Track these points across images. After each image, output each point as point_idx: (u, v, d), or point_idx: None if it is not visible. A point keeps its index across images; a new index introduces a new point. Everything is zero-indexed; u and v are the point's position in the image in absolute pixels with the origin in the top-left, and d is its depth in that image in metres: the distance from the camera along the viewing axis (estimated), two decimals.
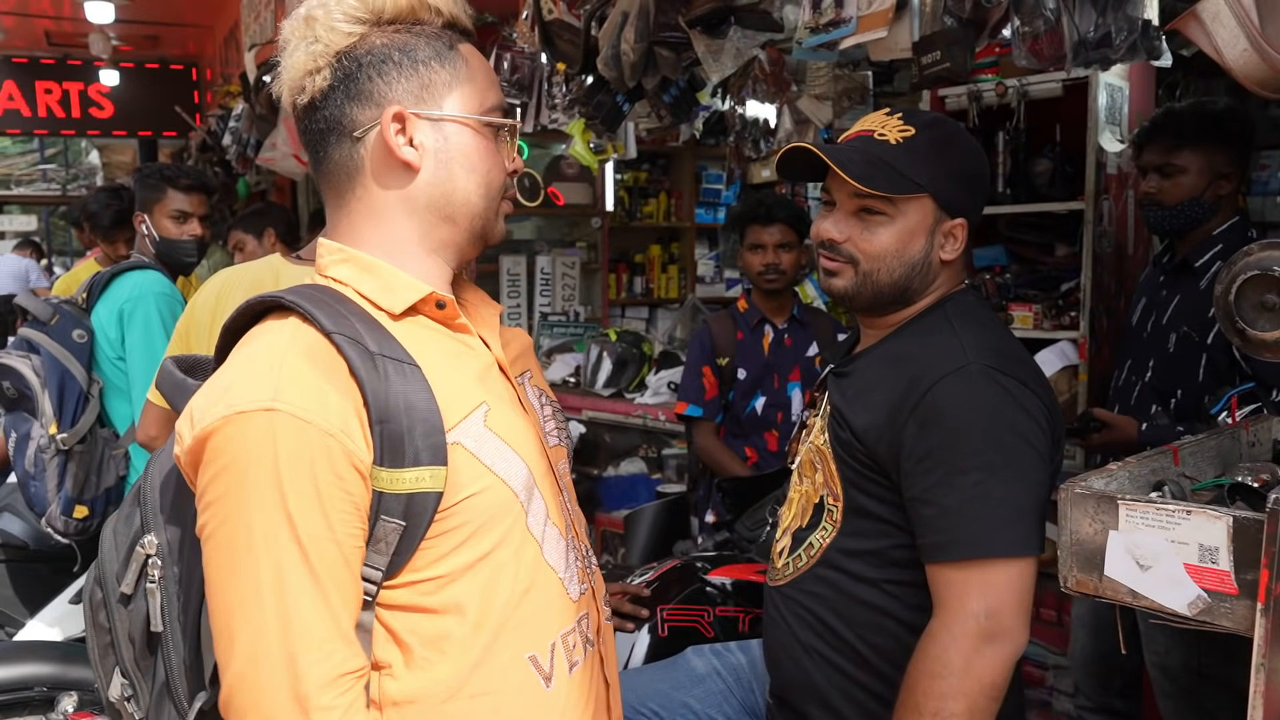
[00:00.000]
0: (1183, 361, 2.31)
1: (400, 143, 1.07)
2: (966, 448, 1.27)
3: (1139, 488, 1.24)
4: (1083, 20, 2.08)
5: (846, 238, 1.41)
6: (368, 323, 1.03)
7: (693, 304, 5.27)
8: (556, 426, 1.27)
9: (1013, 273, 3.33)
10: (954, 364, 1.32)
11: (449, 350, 1.10)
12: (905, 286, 1.41)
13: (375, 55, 1.06)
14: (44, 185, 15.48)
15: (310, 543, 0.96)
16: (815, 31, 2.41)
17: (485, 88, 1.11)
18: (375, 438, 0.98)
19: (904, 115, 1.42)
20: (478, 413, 1.06)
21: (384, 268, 1.08)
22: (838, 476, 1.40)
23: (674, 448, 4.08)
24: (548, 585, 1.11)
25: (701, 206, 6.48)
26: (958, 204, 1.41)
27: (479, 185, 1.10)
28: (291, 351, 0.99)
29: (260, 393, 0.96)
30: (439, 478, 1.00)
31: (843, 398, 1.42)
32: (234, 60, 7.04)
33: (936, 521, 1.28)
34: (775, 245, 2.92)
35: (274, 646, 0.95)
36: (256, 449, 0.95)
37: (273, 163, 4.94)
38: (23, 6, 7.92)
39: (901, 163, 1.37)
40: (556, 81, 3.32)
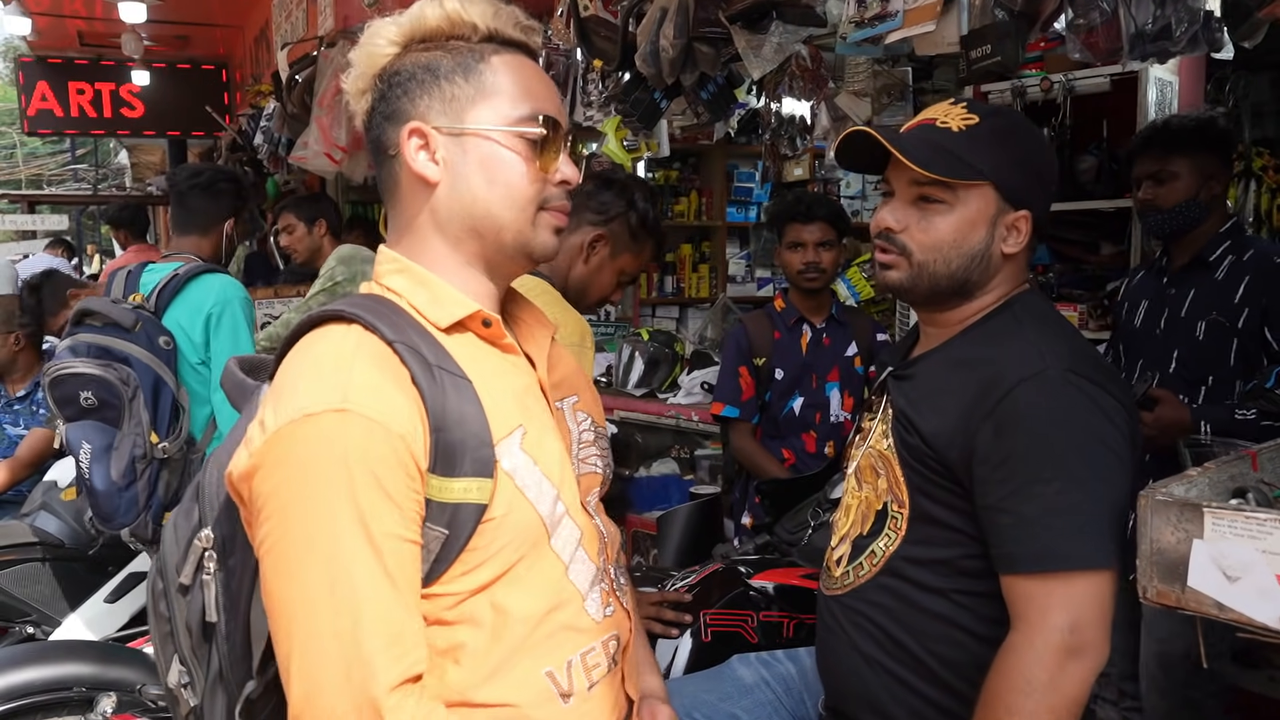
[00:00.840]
0: (1214, 348, 2.41)
1: (421, 157, 1.09)
2: (1047, 455, 1.22)
3: (1219, 494, 1.19)
4: (1140, 12, 2.02)
5: (904, 227, 1.36)
6: (423, 335, 1.06)
7: (724, 303, 5.23)
8: (598, 454, 1.27)
9: (1056, 272, 3.28)
10: (1032, 368, 1.26)
11: (495, 368, 1.11)
12: (964, 279, 1.36)
13: (403, 74, 1.09)
14: (75, 185, 15.64)
15: (385, 541, 0.97)
16: (860, 26, 2.36)
17: (518, 98, 1.10)
18: (432, 445, 1.00)
19: (968, 105, 1.38)
20: (516, 434, 1.07)
21: (434, 281, 1.10)
22: (904, 482, 1.35)
23: (706, 448, 4.04)
24: (571, 607, 1.11)
25: (733, 205, 6.43)
26: (1021, 195, 1.35)
27: (501, 197, 1.09)
28: (359, 356, 1.01)
29: (330, 395, 0.98)
30: (485, 490, 1.02)
31: (908, 401, 1.37)
32: (264, 60, 7.07)
33: (1015, 531, 1.23)
34: (815, 243, 2.87)
35: (348, 648, 0.95)
36: (328, 449, 0.96)
37: (305, 161, 4.93)
38: (56, 7, 7.99)
39: (963, 149, 1.32)
40: (591, 79, 3.29)
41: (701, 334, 5.10)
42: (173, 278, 2.65)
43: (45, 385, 2.52)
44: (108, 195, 10.89)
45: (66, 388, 2.45)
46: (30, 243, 11.99)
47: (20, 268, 9.11)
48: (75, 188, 15.20)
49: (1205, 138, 2.48)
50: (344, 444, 0.96)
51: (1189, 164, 2.44)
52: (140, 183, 13.20)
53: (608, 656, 1.15)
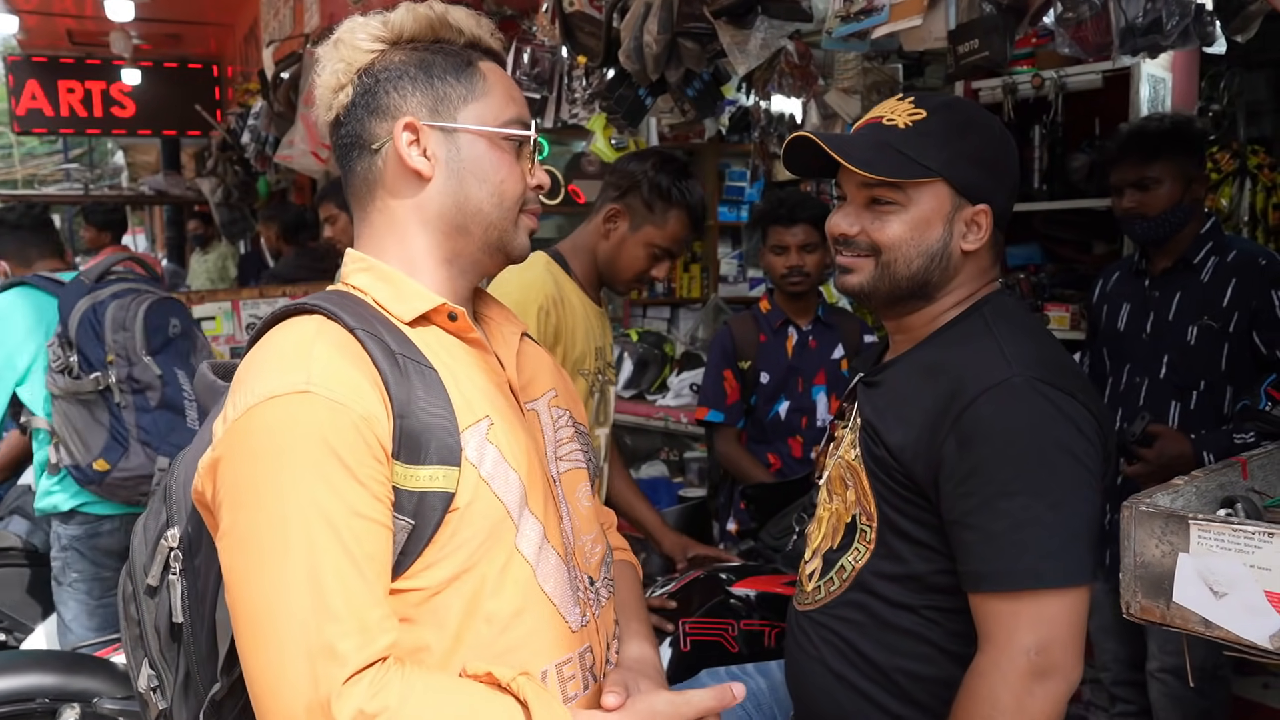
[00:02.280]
0: (1206, 352, 2.39)
1: (413, 152, 1.11)
2: (1012, 468, 1.17)
3: (1206, 504, 1.14)
4: (1130, 5, 1.98)
5: (859, 230, 1.32)
6: (387, 325, 1.07)
7: (715, 304, 5.18)
8: (580, 449, 1.25)
9: (1048, 272, 3.23)
10: (997, 376, 1.21)
11: (461, 360, 1.11)
12: (924, 280, 1.31)
13: (392, 71, 1.11)
14: (68, 185, 15.58)
15: (349, 521, 0.96)
16: (846, 20, 2.31)
17: (503, 102, 1.14)
18: (396, 431, 1.00)
19: (916, 99, 1.33)
20: (481, 424, 1.07)
21: (398, 276, 1.11)
22: (871, 495, 1.31)
23: (696, 451, 3.99)
24: (541, 611, 1.09)
25: (724, 204, 6.37)
26: (977, 188, 1.30)
27: (491, 195, 1.12)
28: (320, 341, 1.02)
29: (293, 378, 0.98)
30: (451, 478, 1.02)
31: (875, 410, 1.33)
32: (254, 58, 7.01)
33: (980, 548, 1.18)
34: (798, 247, 2.82)
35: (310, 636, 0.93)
36: (291, 430, 0.96)
37: (290, 160, 4.89)
38: (45, 5, 7.94)
39: (910, 147, 1.27)
40: (577, 75, 3.24)
41: (693, 335, 5.05)
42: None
43: (140, 316, 2.60)
44: (99, 195, 10.82)
45: (157, 316, 2.61)
46: None
47: None
48: (67, 187, 15.13)
49: (1185, 140, 2.45)
50: (307, 424, 0.96)
51: (1172, 169, 2.42)
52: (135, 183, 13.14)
53: (584, 671, 1.12)
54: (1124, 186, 2.47)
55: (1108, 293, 2.66)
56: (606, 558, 1.24)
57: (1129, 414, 2.48)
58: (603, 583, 1.21)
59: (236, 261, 8.24)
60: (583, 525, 1.20)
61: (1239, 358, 2.37)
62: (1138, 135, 2.48)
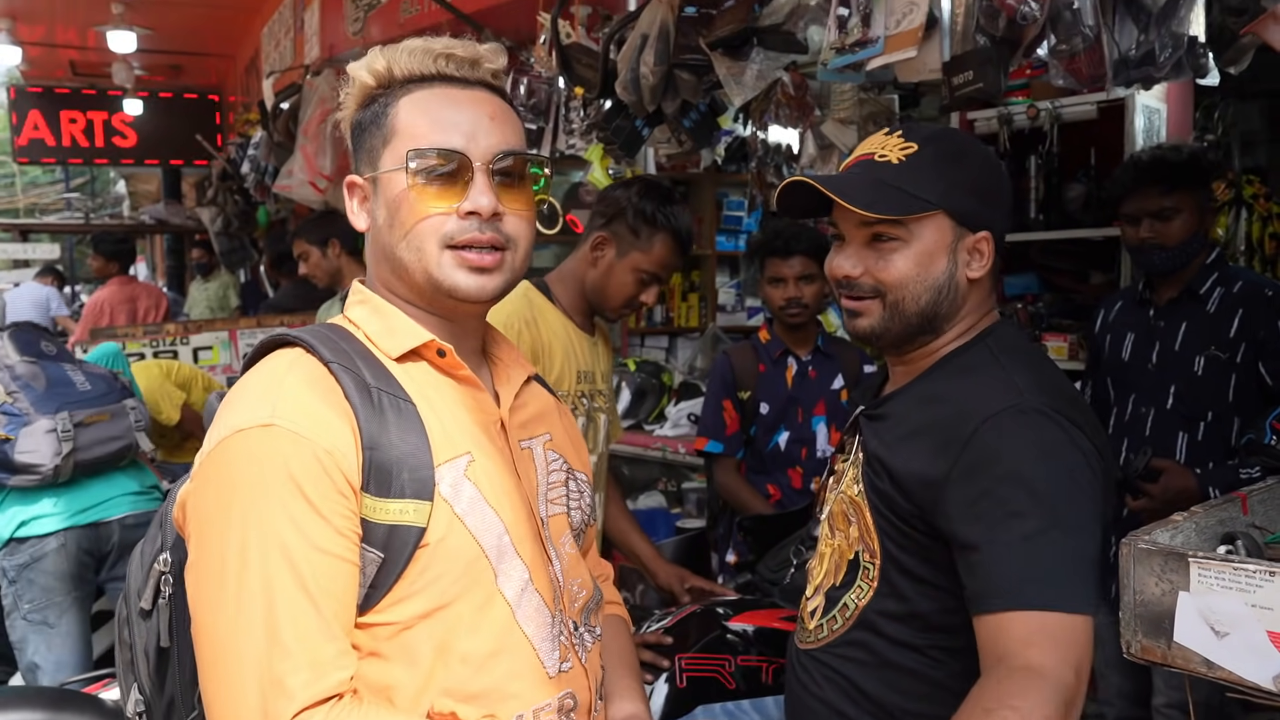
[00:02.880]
0: (1213, 382, 2.38)
1: (354, 207, 1.15)
2: (1025, 491, 1.15)
3: (1206, 541, 1.12)
4: (1123, 37, 1.99)
5: (863, 271, 1.30)
6: (368, 360, 1.07)
7: (714, 333, 5.17)
8: (567, 496, 1.23)
9: (1046, 301, 3.22)
10: (1004, 401, 1.20)
11: (448, 397, 1.11)
12: (933, 313, 1.30)
13: (353, 136, 1.16)
14: (69, 214, 15.64)
15: (307, 556, 0.96)
16: (841, 52, 2.32)
17: (412, 137, 1.09)
18: (364, 463, 1.00)
19: (905, 132, 1.31)
20: (460, 460, 1.06)
21: (391, 311, 1.12)
22: (874, 531, 1.29)
23: (694, 481, 3.97)
24: (519, 654, 1.07)
25: (722, 234, 6.39)
26: (976, 217, 1.30)
27: (400, 237, 1.09)
28: (290, 375, 1.03)
29: (259, 411, 1.00)
30: (423, 513, 1.02)
31: (880, 443, 1.31)
32: (255, 89, 7.05)
33: (990, 568, 1.15)
34: (796, 278, 2.81)
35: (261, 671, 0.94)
36: (252, 464, 0.98)
37: (289, 190, 4.90)
38: (49, 37, 8.00)
39: (907, 182, 1.26)
40: (574, 106, 3.26)
41: (691, 364, 5.04)
42: None
43: (6, 336, 2.78)
44: (100, 224, 10.87)
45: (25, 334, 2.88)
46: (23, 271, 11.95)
47: (9, 297, 9.05)
48: (69, 216, 15.19)
49: (1201, 171, 2.46)
50: (269, 457, 0.97)
51: (1190, 199, 2.42)
52: (136, 211, 13.19)
53: (562, 717, 1.10)
54: (1142, 216, 2.45)
55: (1110, 322, 2.65)
56: (591, 603, 1.22)
57: (1135, 444, 2.47)
58: (587, 628, 1.19)
59: (238, 290, 8.26)
60: (569, 569, 1.19)
61: (1245, 389, 2.37)
62: (1157, 165, 2.47)
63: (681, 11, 2.70)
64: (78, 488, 2.76)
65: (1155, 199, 2.42)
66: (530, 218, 1.14)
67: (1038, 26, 1.97)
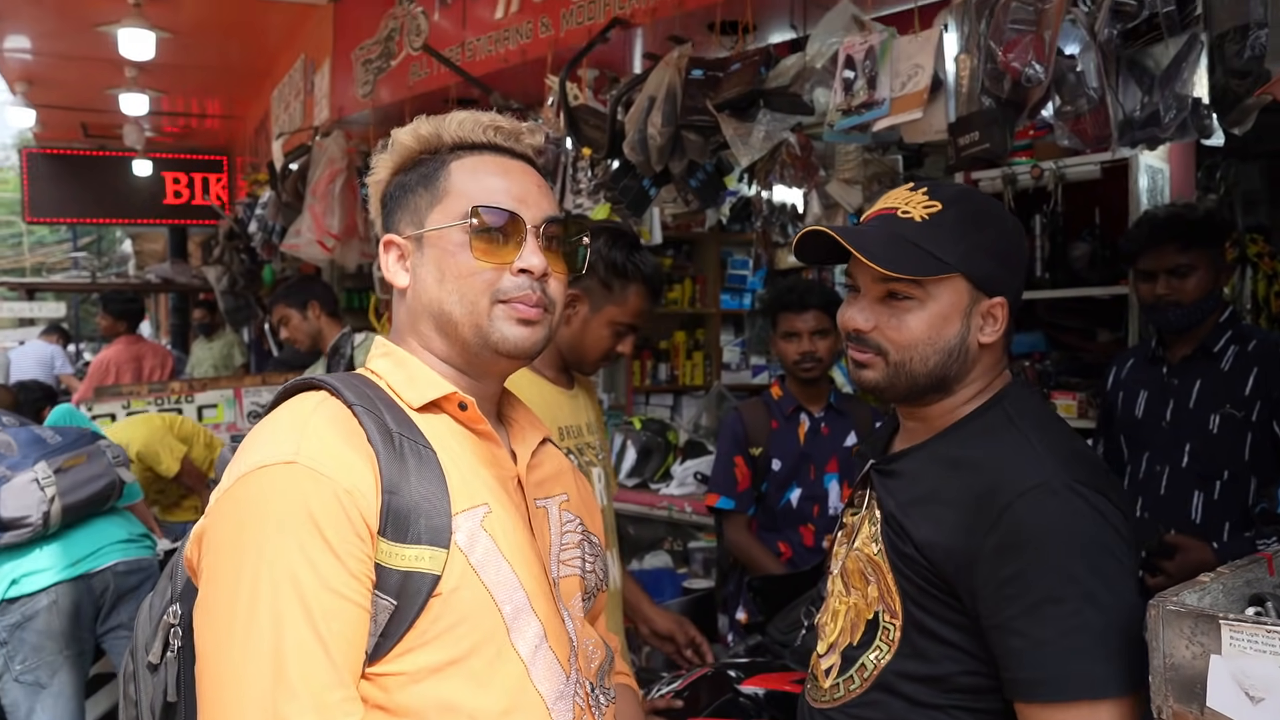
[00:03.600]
0: (1229, 441, 2.37)
1: (392, 266, 1.17)
2: (1059, 573, 1.13)
3: (1235, 602, 1.10)
4: (1128, 99, 2.01)
5: (874, 326, 1.29)
6: (391, 407, 1.08)
7: (718, 391, 5.16)
8: (581, 558, 1.22)
9: (1053, 359, 3.22)
10: (1033, 478, 1.18)
11: (468, 450, 1.11)
12: (942, 375, 1.28)
13: (388, 197, 1.19)
14: (75, 273, 15.76)
15: (320, 597, 0.96)
16: (848, 113, 2.35)
17: (469, 195, 1.12)
18: (383, 506, 1.00)
19: (929, 190, 1.30)
20: (478, 510, 1.06)
21: (414, 363, 1.14)
22: (897, 592, 1.26)
23: (700, 541, 3.92)
24: (532, 713, 1.05)
25: (726, 292, 6.42)
26: (994, 282, 1.28)
27: (452, 292, 1.12)
28: (316, 415, 1.04)
29: (283, 448, 1.00)
30: (438, 560, 1.01)
31: (898, 505, 1.29)
32: (263, 150, 7.15)
33: (1029, 656, 1.14)
34: (810, 333, 2.81)
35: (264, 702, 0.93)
36: (271, 500, 0.98)
37: (297, 249, 4.93)
38: (62, 100, 8.13)
39: (928, 241, 1.25)
40: (581, 166, 3.29)
41: (696, 422, 5.02)
42: None
43: None
44: (106, 283, 10.94)
45: None
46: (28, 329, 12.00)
47: (13, 355, 9.07)
48: (75, 275, 15.30)
49: (1217, 229, 2.47)
50: (289, 493, 0.97)
51: (1206, 257, 2.42)
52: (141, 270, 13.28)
53: None
54: (1159, 272, 2.44)
55: (1122, 380, 2.63)
56: (606, 664, 1.21)
57: (1149, 503, 2.45)
58: (602, 690, 1.18)
59: (243, 349, 8.29)
60: (582, 630, 1.17)
61: (1261, 447, 2.35)
62: (1175, 222, 2.46)
63: (688, 74, 2.75)
64: (67, 539, 2.74)
65: (1172, 256, 2.42)
66: (566, 284, 1.19)
67: (1042, 88, 1.99)
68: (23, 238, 22.43)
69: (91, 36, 5.95)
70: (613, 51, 3.40)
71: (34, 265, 21.29)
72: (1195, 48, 1.87)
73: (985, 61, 2.04)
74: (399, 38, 4.52)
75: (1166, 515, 2.42)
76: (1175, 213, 2.52)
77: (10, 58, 6.94)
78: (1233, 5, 1.73)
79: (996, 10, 2.02)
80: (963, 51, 2.12)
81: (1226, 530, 2.35)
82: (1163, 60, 1.92)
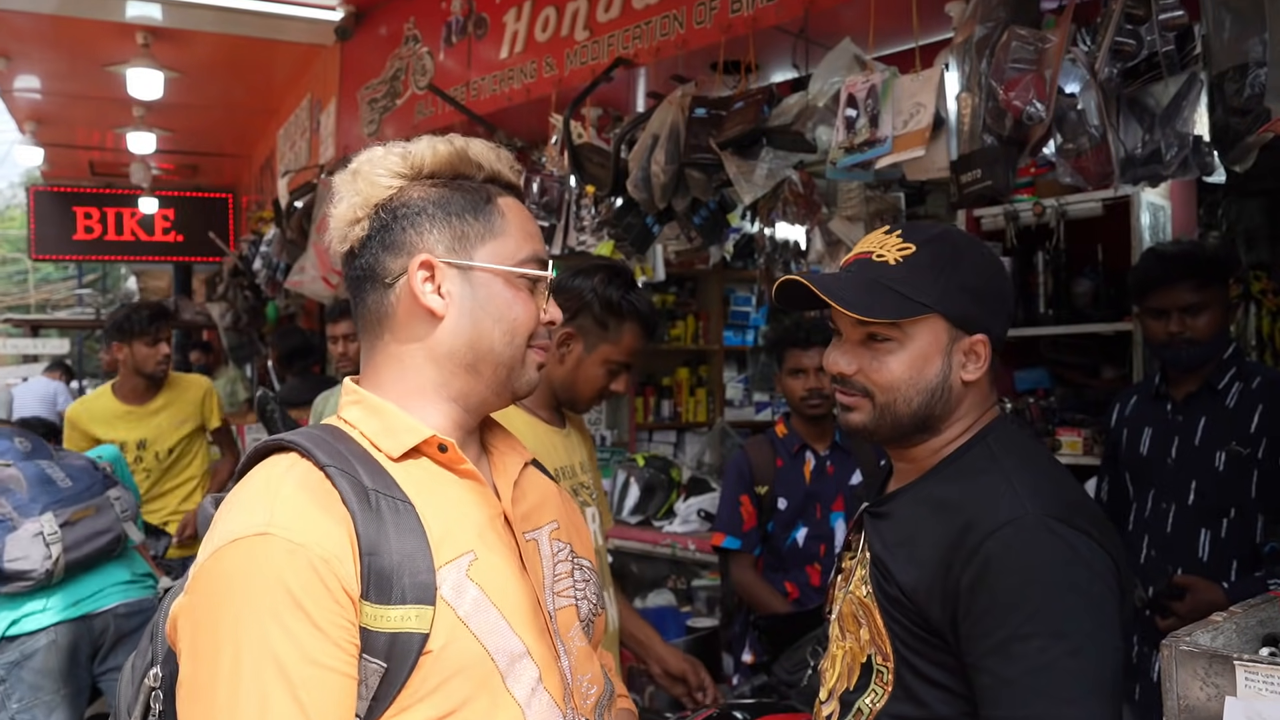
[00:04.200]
0: (1235, 479, 2.34)
1: (426, 290, 1.09)
2: (1026, 610, 1.12)
3: (1248, 643, 1.09)
4: (1129, 137, 2.02)
5: (857, 369, 1.29)
6: (366, 461, 1.05)
7: (722, 428, 5.15)
8: (574, 586, 1.20)
9: (1057, 396, 3.21)
10: (1008, 513, 1.17)
11: (450, 494, 1.08)
12: (926, 415, 1.28)
13: (411, 207, 1.10)
14: (80, 309, 15.82)
15: (302, 670, 0.93)
16: (850, 151, 2.36)
17: (521, 240, 1.13)
18: (363, 570, 0.97)
19: (904, 232, 1.31)
20: (462, 560, 1.04)
21: (390, 410, 1.09)
22: (886, 634, 1.25)
23: (704, 579, 3.89)
24: None
25: (730, 329, 6.42)
26: (973, 320, 1.28)
27: (504, 334, 1.11)
28: (286, 481, 1.01)
29: (254, 519, 0.97)
30: (425, 618, 0.99)
31: (884, 546, 1.28)
32: (269, 188, 7.21)
33: (997, 694, 1.12)
34: (817, 369, 2.80)
35: None
36: (247, 574, 0.95)
37: (300, 286, 4.96)
38: (70, 139, 8.21)
39: (903, 284, 1.25)
40: (585, 204, 3.31)
41: (699, 459, 5.00)
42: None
43: None
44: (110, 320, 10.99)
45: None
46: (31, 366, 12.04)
47: (16, 392, 9.08)
48: (79, 312, 15.37)
49: (1225, 266, 2.47)
50: (264, 567, 0.94)
51: (1219, 295, 2.42)
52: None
53: None
54: (1171, 310, 2.41)
55: (1127, 417, 2.61)
56: (604, 699, 1.19)
57: (1155, 540, 2.42)
58: None
59: (246, 385, 8.28)
60: (579, 664, 1.15)
61: (1268, 485, 2.32)
62: (1188, 260, 2.44)
63: (692, 113, 2.77)
64: (68, 583, 2.71)
65: (1187, 294, 2.39)
66: None
67: (1044, 126, 2.00)
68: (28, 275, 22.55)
69: (101, 76, 6.02)
70: (616, 91, 3.43)
71: (39, 302, 21.39)
72: (1195, 86, 1.88)
73: (986, 100, 2.05)
74: (404, 77, 4.57)
75: (1174, 554, 2.39)
76: (1187, 250, 2.51)
77: (20, 97, 7.02)
78: (1231, 45, 1.74)
79: (997, 50, 2.03)
80: (964, 90, 2.13)
81: (1235, 569, 2.32)
82: (1163, 99, 1.93)
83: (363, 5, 5.00)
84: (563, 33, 3.50)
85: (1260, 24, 1.64)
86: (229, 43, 5.48)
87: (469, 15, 4.06)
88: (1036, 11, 2.13)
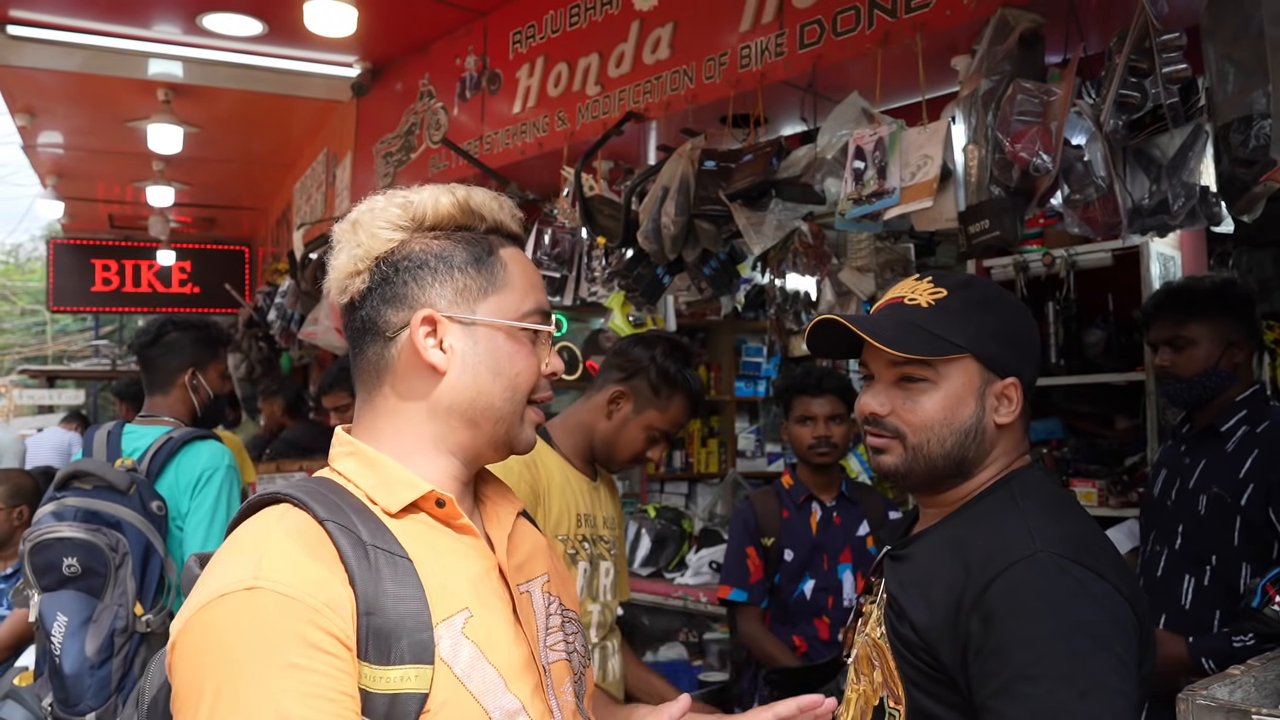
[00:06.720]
0: (1216, 524, 2.26)
1: (429, 345, 1.08)
2: (1034, 650, 1.11)
3: (1267, 696, 1.06)
4: (1136, 187, 2.03)
5: (890, 410, 1.30)
6: (363, 515, 1.03)
7: (733, 479, 5.13)
8: (565, 640, 1.19)
9: (1071, 446, 3.19)
10: (1019, 552, 1.17)
11: (446, 549, 1.07)
12: (960, 457, 1.29)
13: (412, 261, 1.08)
14: (96, 360, 15.94)
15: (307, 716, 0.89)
16: (859, 202, 2.38)
17: (524, 292, 1.12)
18: (362, 630, 0.95)
19: (935, 279, 1.34)
20: (459, 617, 1.02)
21: (387, 464, 1.07)
22: (898, 676, 1.24)
23: (716, 632, 3.85)
24: None
25: (741, 379, 6.42)
26: (1004, 362, 1.30)
27: (505, 389, 1.10)
28: (276, 531, 0.98)
29: (243, 573, 0.94)
30: (425, 678, 0.96)
31: (899, 585, 1.28)
32: (285, 240, 7.29)
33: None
34: (825, 417, 2.80)
35: None
36: (237, 631, 0.91)
37: (314, 337, 4.99)
38: (90, 192, 8.34)
39: (935, 325, 1.28)
40: (596, 255, 3.34)
41: (711, 510, 4.98)
42: (166, 441, 2.56)
43: (25, 552, 2.33)
44: (126, 370, 11.04)
45: (49, 554, 2.29)
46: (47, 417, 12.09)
47: (30, 443, 9.11)
48: (95, 363, 15.48)
49: (1223, 301, 2.35)
50: (254, 624, 0.91)
51: (1209, 330, 2.33)
52: None
53: None
54: (1158, 343, 2.40)
55: (1158, 459, 2.57)
56: None
57: (1148, 585, 2.36)
58: None
59: None
60: (570, 719, 1.14)
61: (1255, 535, 2.21)
62: (1176, 293, 2.42)
63: (701, 165, 2.80)
64: None
65: (1170, 327, 2.36)
66: None
67: (1050, 177, 2.02)
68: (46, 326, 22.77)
69: (121, 131, 6.13)
70: (627, 144, 3.47)
71: (56, 353, 21.56)
72: (1200, 137, 1.90)
73: (993, 151, 2.07)
74: (419, 131, 4.64)
75: (1160, 599, 2.32)
76: (1183, 284, 2.49)
77: (43, 152, 7.14)
78: (1235, 97, 1.75)
79: (1003, 102, 2.06)
80: (971, 142, 2.15)
81: (1217, 620, 2.23)
82: (1169, 150, 1.95)
83: (379, 62, 5.09)
84: (575, 87, 3.56)
85: (1263, 76, 1.66)
86: (247, 98, 5.57)
87: (483, 71, 4.13)
88: (1041, 65, 2.16)
